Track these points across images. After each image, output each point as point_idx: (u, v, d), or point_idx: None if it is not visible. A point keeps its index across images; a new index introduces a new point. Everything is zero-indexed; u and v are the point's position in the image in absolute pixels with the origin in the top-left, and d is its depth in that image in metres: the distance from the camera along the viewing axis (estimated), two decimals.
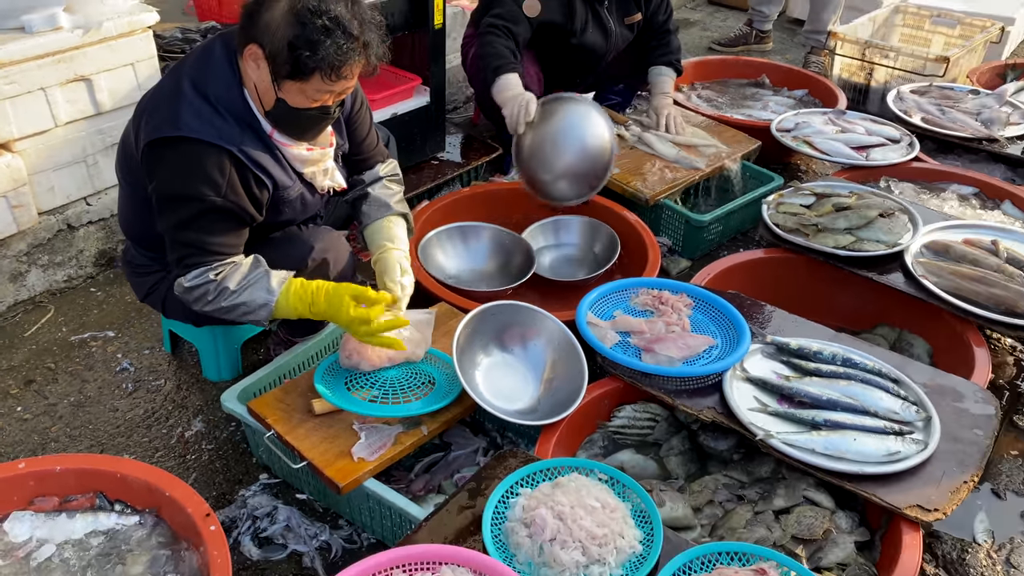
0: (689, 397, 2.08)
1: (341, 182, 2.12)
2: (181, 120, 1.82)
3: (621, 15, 3.25)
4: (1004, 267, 2.52)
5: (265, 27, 1.76)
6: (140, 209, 2.05)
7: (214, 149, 1.84)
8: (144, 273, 2.19)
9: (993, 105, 3.57)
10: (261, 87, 1.84)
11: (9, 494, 1.81)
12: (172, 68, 1.97)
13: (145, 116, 1.90)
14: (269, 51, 1.77)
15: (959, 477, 1.88)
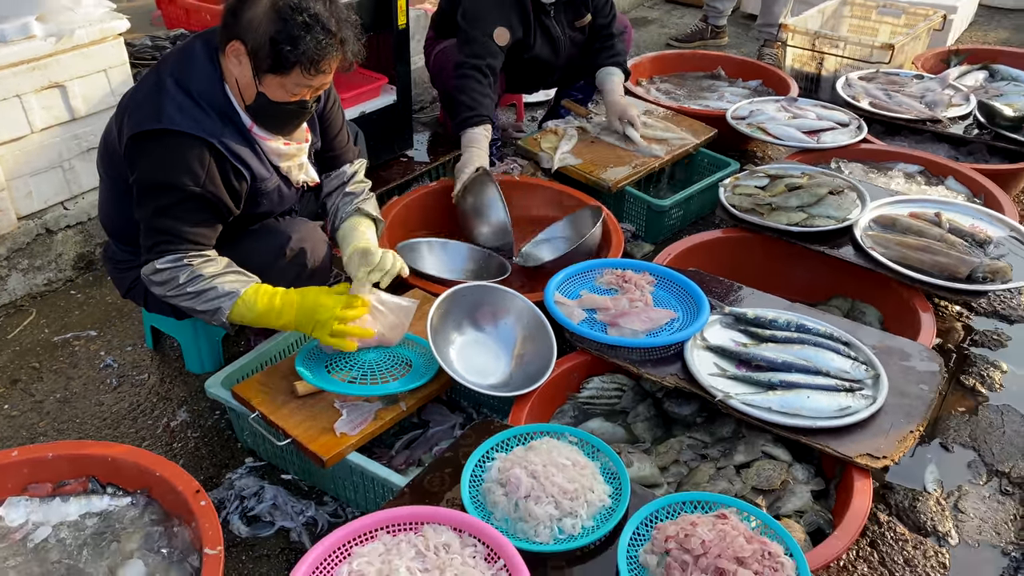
0: (653, 366, 2.20)
1: (315, 177, 2.22)
2: (164, 114, 1.91)
3: (570, 19, 3.33)
4: (947, 236, 2.66)
5: (248, 24, 1.85)
6: (121, 204, 2.13)
7: (195, 141, 1.92)
8: (126, 268, 2.26)
9: (936, 88, 3.74)
10: (243, 82, 1.94)
11: (3, 481, 1.88)
12: (153, 66, 2.05)
13: (128, 112, 1.98)
14: (251, 47, 1.87)
15: (906, 427, 2.01)
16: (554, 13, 3.24)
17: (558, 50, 3.33)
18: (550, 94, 3.96)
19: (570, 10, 3.30)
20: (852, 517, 1.81)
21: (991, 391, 2.56)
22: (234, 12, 1.88)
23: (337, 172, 2.35)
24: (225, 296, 1.98)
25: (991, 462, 2.31)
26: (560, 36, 3.30)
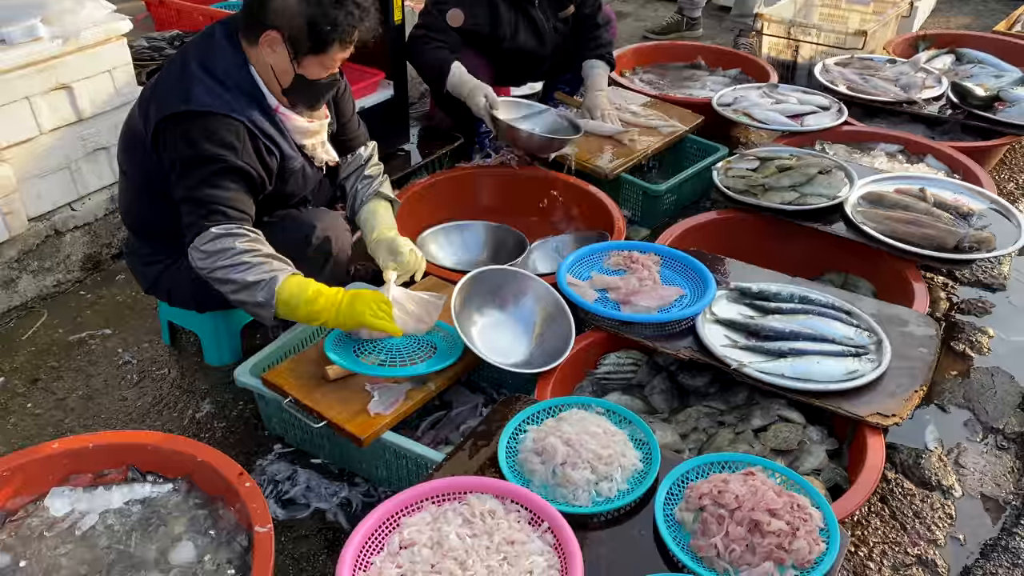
0: (667, 341, 2.29)
1: (335, 156, 2.30)
2: (193, 96, 1.97)
3: (555, 10, 3.41)
4: (932, 210, 2.80)
5: (280, 11, 1.93)
6: (144, 198, 2.17)
7: (228, 119, 1.98)
8: (150, 263, 2.29)
9: (909, 72, 3.89)
10: (279, 68, 2.00)
11: (45, 473, 1.91)
12: (176, 55, 2.11)
13: (155, 98, 2.04)
14: (288, 34, 1.93)
15: (910, 387, 2.13)
16: (539, 3, 3.33)
17: (544, 40, 3.41)
18: (537, 87, 4.03)
19: (554, 1, 3.38)
20: (868, 471, 1.92)
21: (980, 355, 2.69)
22: (261, 2, 1.94)
23: (353, 156, 2.44)
24: (279, 271, 1.99)
25: (986, 420, 2.44)
26: (545, 27, 3.38)
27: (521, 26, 3.30)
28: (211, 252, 1.98)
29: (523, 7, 3.28)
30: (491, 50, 3.30)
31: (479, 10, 3.20)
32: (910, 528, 2.10)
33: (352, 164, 2.43)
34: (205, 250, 1.98)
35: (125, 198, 2.29)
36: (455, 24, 3.16)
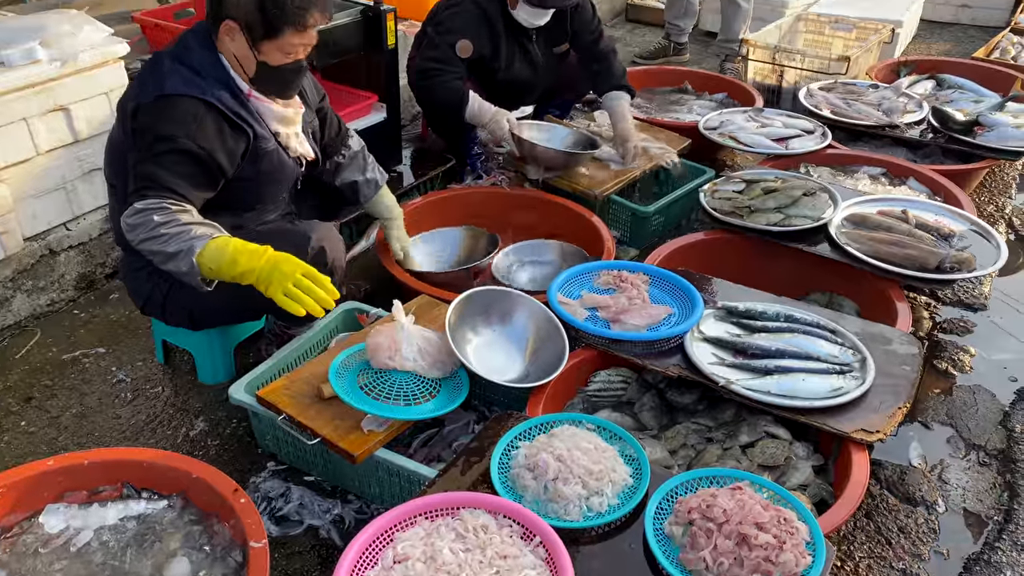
0: (656, 358, 2.33)
1: (310, 151, 2.37)
2: (166, 84, 2.05)
3: (550, 45, 3.49)
4: (914, 231, 2.86)
5: (235, 2, 2.04)
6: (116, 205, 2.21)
7: (191, 100, 2.05)
8: (143, 279, 2.31)
9: (891, 97, 3.97)
10: (241, 56, 2.10)
11: (40, 490, 1.92)
12: (149, 58, 2.21)
13: (132, 96, 2.11)
14: (244, 21, 2.04)
15: (894, 404, 2.17)
16: (536, 38, 3.40)
17: (537, 72, 3.49)
18: (528, 110, 4.09)
19: (550, 36, 3.45)
20: (853, 486, 1.96)
21: (962, 373, 2.75)
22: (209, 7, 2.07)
23: (347, 151, 2.60)
24: (197, 238, 1.98)
25: (968, 437, 2.49)
26: (539, 59, 3.45)
27: (517, 58, 3.38)
28: (133, 225, 2.00)
29: (521, 40, 3.35)
30: (486, 78, 3.36)
31: (483, 41, 3.26)
32: (895, 543, 2.14)
33: (348, 157, 2.60)
34: (129, 223, 2.01)
35: (116, 213, 2.30)
36: (465, 55, 3.22)
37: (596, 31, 3.52)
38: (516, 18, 3.28)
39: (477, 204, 3.25)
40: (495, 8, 3.25)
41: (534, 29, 3.34)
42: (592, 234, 3.02)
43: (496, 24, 3.27)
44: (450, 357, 2.20)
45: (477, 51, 3.25)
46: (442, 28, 3.24)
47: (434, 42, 3.23)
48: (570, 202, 3.18)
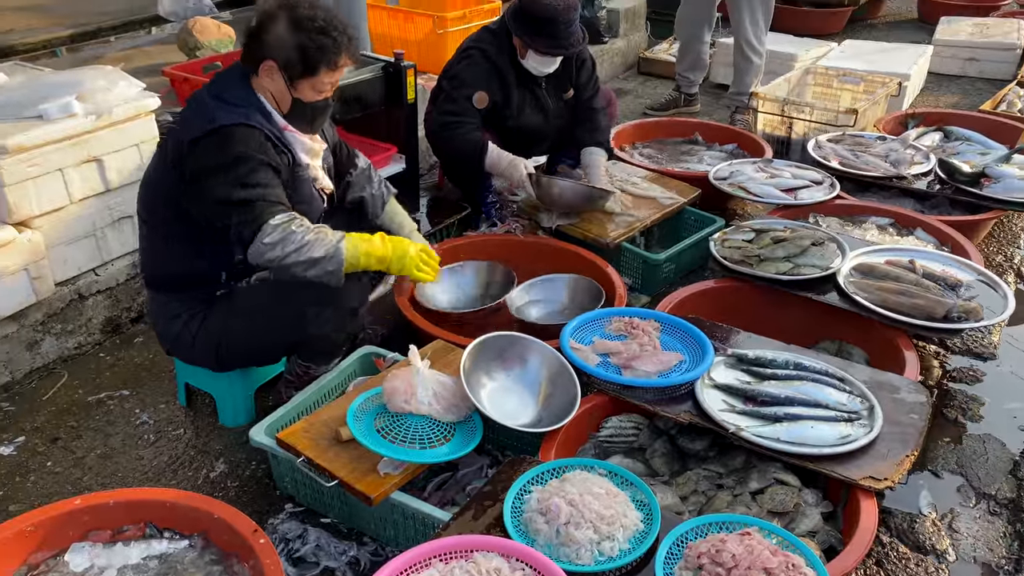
0: (667, 405, 2.37)
1: (329, 185, 2.53)
2: (217, 117, 2.20)
3: (559, 92, 3.61)
4: (922, 281, 2.91)
5: (274, 42, 2.22)
6: (167, 245, 2.33)
7: (243, 126, 2.21)
8: (171, 318, 2.39)
9: (899, 148, 4.05)
10: (278, 94, 2.27)
11: (66, 529, 1.98)
12: (188, 99, 2.34)
13: (177, 132, 2.24)
14: (283, 60, 2.21)
15: (902, 452, 2.20)
16: (545, 85, 3.52)
17: (548, 119, 3.60)
18: (542, 160, 4.20)
19: (558, 83, 3.58)
20: (861, 533, 1.98)
21: (972, 422, 2.77)
22: (256, 37, 2.24)
23: (357, 170, 2.74)
24: (339, 239, 2.26)
25: (978, 486, 2.50)
26: (549, 106, 3.57)
27: (527, 105, 3.49)
28: (275, 242, 2.18)
29: (531, 88, 3.47)
30: (499, 126, 3.47)
31: (495, 91, 3.39)
32: None
33: (359, 173, 2.75)
34: (270, 242, 2.18)
35: (148, 252, 2.41)
36: (481, 106, 3.35)
37: (594, 88, 3.67)
38: (526, 67, 3.40)
39: (491, 251, 3.32)
40: (505, 59, 3.39)
41: (543, 77, 3.45)
42: (604, 281, 3.08)
43: (507, 74, 3.40)
44: (464, 401, 2.25)
45: (491, 100, 3.37)
46: (457, 82, 3.37)
47: (451, 96, 3.36)
48: (582, 249, 3.26)
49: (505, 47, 3.37)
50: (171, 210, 2.29)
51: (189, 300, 2.37)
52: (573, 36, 3.30)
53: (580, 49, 3.43)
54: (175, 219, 2.30)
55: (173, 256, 2.35)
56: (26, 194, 2.63)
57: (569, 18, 3.24)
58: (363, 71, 3.22)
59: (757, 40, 4.94)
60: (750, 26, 4.88)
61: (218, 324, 2.33)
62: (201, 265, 2.36)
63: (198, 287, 2.37)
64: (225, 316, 2.37)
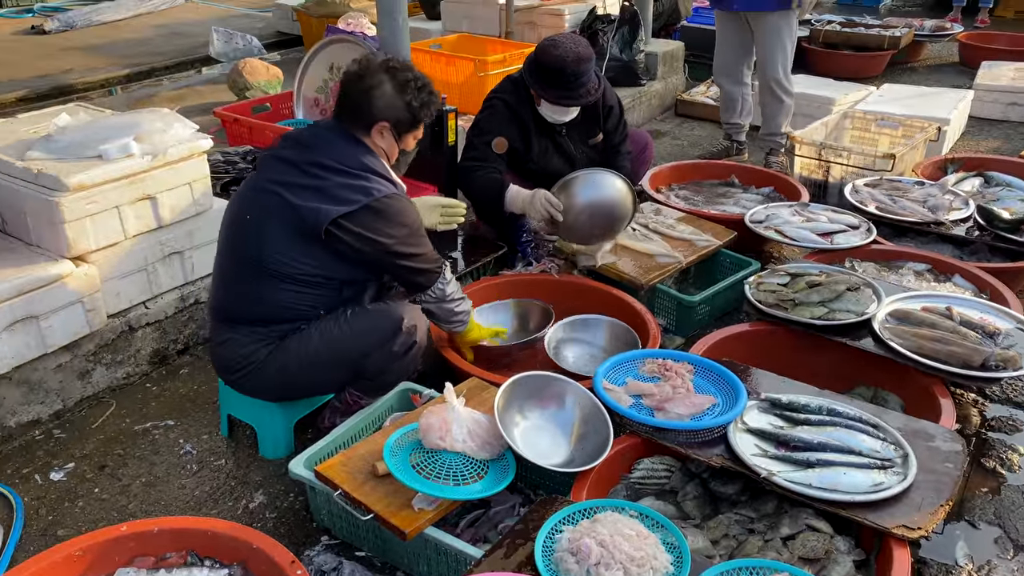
0: (699, 448, 2.39)
1: None
2: (370, 190, 2.41)
3: (584, 138, 3.66)
4: (959, 329, 2.89)
5: (385, 106, 2.46)
6: (276, 290, 2.43)
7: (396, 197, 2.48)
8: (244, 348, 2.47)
9: (937, 194, 4.04)
10: (388, 149, 2.56)
11: (112, 554, 2.06)
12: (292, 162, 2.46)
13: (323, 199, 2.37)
14: (394, 120, 2.49)
15: (936, 501, 2.19)
16: (566, 132, 3.59)
17: (574, 165, 3.65)
18: None
19: (583, 129, 3.64)
20: None
21: (1011, 472, 2.73)
22: (362, 104, 2.46)
23: None
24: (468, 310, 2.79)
25: (1016, 537, 2.47)
26: (573, 152, 3.63)
27: (551, 151, 3.57)
28: (453, 292, 2.69)
29: (551, 136, 3.55)
30: (524, 172, 3.55)
31: (515, 137, 3.48)
32: None
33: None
34: (450, 291, 2.67)
35: (246, 290, 2.45)
36: (500, 151, 3.44)
37: (622, 134, 3.71)
38: (542, 115, 3.48)
39: (527, 289, 3.38)
40: (525, 107, 3.47)
41: (562, 125, 3.52)
42: (638, 322, 3.12)
43: (526, 121, 3.48)
44: (498, 440, 2.30)
45: (511, 145, 3.46)
46: (477, 130, 3.49)
47: (472, 143, 3.48)
48: (616, 290, 3.30)
49: (526, 96, 3.46)
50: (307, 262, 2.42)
51: (268, 335, 2.47)
52: (583, 88, 3.33)
53: (592, 101, 3.44)
54: (302, 269, 2.43)
55: (280, 298, 2.45)
56: (84, 230, 2.76)
57: (579, 70, 3.28)
58: None
59: (787, 79, 4.98)
60: (780, 65, 4.92)
61: (288, 356, 2.47)
62: (304, 305, 2.48)
63: (285, 323, 2.48)
64: (297, 349, 2.47)
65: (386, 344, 2.49)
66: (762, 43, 4.92)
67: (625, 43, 5.97)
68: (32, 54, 7.51)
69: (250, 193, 2.50)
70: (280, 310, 2.46)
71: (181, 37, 8.15)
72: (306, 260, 2.42)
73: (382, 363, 2.51)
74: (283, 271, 2.42)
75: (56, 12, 8.87)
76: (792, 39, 4.91)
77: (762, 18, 4.83)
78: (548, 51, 3.30)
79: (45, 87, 6.53)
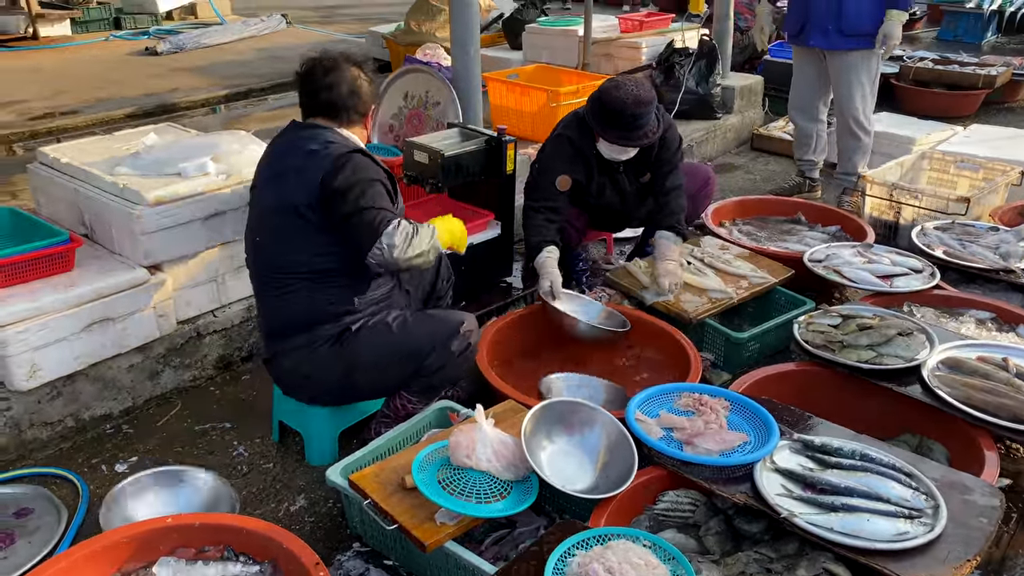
0: (725, 484, 2.40)
1: None
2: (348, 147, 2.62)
3: (636, 176, 3.71)
4: (1013, 380, 2.81)
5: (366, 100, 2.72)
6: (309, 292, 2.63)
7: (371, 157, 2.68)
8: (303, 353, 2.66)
9: (1011, 240, 3.91)
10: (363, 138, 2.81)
11: (157, 544, 2.22)
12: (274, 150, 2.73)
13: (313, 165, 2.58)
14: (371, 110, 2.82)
15: (963, 556, 2.14)
16: (622, 169, 3.65)
17: (626, 201, 3.72)
18: (639, 231, 4.31)
19: (636, 167, 3.67)
20: None
21: None
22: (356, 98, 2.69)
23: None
24: (432, 228, 2.69)
25: None
26: (628, 189, 3.70)
27: (607, 188, 3.62)
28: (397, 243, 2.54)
29: (610, 172, 3.61)
30: (584, 205, 3.62)
31: (579, 173, 3.55)
32: None
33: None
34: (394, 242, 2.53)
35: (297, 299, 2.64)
36: (563, 188, 3.51)
37: (673, 164, 3.66)
38: (600, 151, 3.54)
39: None
40: (587, 143, 3.53)
41: (619, 163, 3.57)
42: (681, 355, 3.14)
43: (589, 157, 3.55)
44: (523, 462, 2.37)
45: (574, 181, 3.53)
46: (542, 167, 3.57)
47: (537, 183, 3.56)
48: (664, 323, 3.33)
49: (589, 132, 3.52)
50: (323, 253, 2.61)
51: (321, 336, 2.66)
52: (641, 130, 3.38)
53: (650, 143, 3.47)
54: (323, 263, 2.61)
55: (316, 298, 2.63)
56: (160, 241, 2.99)
57: (638, 112, 3.33)
58: (468, 143, 3.46)
59: (866, 118, 4.91)
60: (859, 103, 4.85)
61: (354, 358, 2.65)
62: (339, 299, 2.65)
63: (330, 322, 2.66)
64: (362, 350, 2.66)
65: (447, 343, 2.67)
66: (839, 81, 4.87)
67: (702, 76, 6.00)
68: (143, 73, 8.05)
69: (256, 218, 2.73)
70: (318, 312, 2.63)
71: (280, 60, 8.58)
72: (321, 251, 2.60)
73: (442, 360, 2.68)
74: (306, 272, 2.60)
75: (168, 35, 9.49)
76: (872, 78, 4.84)
77: (839, 56, 4.78)
78: (610, 92, 3.39)
79: (151, 105, 7.00)
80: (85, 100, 7.00)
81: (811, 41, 4.83)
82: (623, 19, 7.01)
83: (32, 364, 2.75)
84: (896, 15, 4.59)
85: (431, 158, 3.37)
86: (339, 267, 2.63)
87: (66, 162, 3.22)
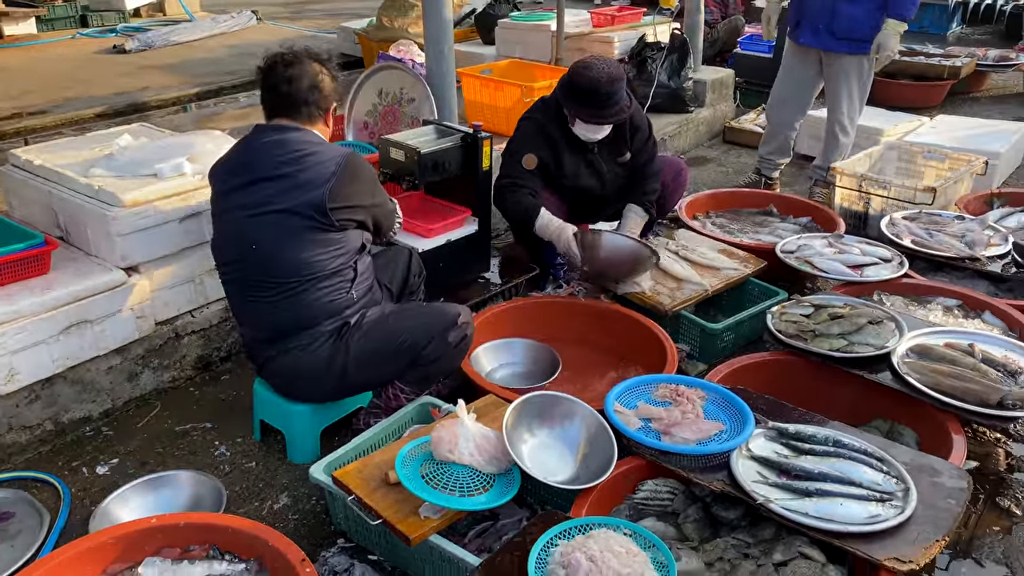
0: (702, 472, 2.46)
1: None
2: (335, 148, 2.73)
3: (613, 156, 3.77)
4: (979, 366, 2.89)
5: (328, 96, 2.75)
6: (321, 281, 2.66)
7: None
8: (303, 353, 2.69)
9: (976, 229, 4.01)
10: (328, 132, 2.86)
11: (142, 544, 2.23)
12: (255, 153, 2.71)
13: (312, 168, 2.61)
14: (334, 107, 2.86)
15: (932, 537, 2.21)
16: (597, 150, 3.70)
17: (604, 182, 3.77)
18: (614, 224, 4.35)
19: (612, 148, 3.74)
20: None
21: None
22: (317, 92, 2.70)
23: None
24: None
25: None
26: (603, 169, 3.75)
27: (582, 169, 3.69)
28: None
29: (583, 154, 3.67)
30: (558, 189, 3.68)
31: (546, 154, 3.62)
32: None
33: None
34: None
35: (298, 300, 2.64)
36: (529, 167, 3.58)
37: (650, 153, 3.79)
38: (576, 133, 3.59)
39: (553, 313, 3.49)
40: (555, 126, 3.61)
41: (594, 143, 3.63)
42: (657, 347, 3.19)
43: (558, 140, 3.62)
44: (505, 455, 2.40)
45: (542, 162, 3.59)
46: (510, 149, 3.66)
47: (504, 163, 3.65)
48: (640, 315, 3.38)
49: (555, 115, 3.59)
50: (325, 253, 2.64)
51: (321, 333, 2.69)
52: (615, 107, 3.47)
53: (624, 118, 3.58)
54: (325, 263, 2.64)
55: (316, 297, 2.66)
56: (137, 242, 2.98)
57: (611, 89, 3.41)
58: (444, 141, 3.48)
59: (850, 122, 4.95)
60: (847, 108, 4.89)
61: (353, 353, 2.69)
62: (338, 294, 2.70)
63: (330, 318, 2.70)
64: (361, 345, 2.70)
65: (444, 334, 2.75)
66: (832, 83, 4.89)
67: (674, 70, 6.05)
68: (112, 72, 7.95)
69: (242, 225, 2.63)
70: (320, 309, 2.67)
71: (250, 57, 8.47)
72: (323, 250, 2.63)
73: (439, 351, 2.75)
74: (311, 272, 2.62)
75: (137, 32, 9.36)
76: (862, 84, 4.83)
77: (833, 58, 4.79)
78: (582, 73, 3.44)
79: (121, 104, 6.92)
80: (53, 100, 6.90)
81: (802, 39, 4.82)
82: (595, 14, 7.05)
83: (10, 368, 2.74)
84: (893, 25, 4.52)
85: (407, 156, 3.38)
86: (339, 263, 2.67)
87: (39, 164, 3.20)
